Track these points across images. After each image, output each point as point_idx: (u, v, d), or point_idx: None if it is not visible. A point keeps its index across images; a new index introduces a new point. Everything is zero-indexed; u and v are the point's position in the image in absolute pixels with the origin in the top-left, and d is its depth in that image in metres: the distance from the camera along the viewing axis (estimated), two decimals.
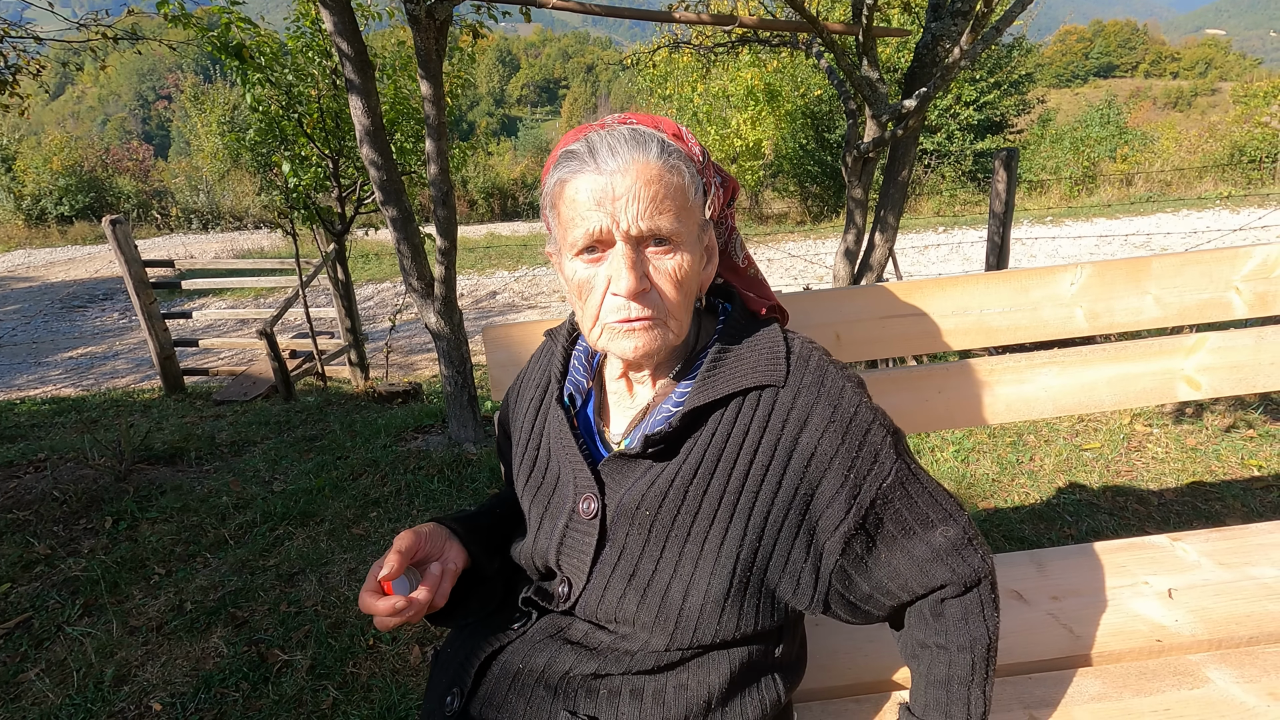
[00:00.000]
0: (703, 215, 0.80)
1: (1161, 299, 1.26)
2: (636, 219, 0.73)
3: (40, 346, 9.15)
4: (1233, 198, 13.69)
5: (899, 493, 0.77)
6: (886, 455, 0.77)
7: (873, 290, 1.25)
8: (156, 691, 1.83)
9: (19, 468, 3.21)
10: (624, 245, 0.74)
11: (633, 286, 0.73)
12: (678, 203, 0.75)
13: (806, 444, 0.76)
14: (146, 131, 70.99)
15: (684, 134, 0.79)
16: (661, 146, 0.75)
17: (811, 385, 0.78)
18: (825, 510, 0.76)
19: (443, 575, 0.84)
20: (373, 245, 13.97)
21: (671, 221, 0.74)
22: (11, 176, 19.40)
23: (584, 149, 0.75)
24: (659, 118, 0.79)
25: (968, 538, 0.79)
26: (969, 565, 0.78)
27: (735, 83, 13.75)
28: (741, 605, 0.76)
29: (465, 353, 3.27)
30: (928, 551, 0.78)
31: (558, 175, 0.76)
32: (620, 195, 0.72)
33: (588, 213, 0.73)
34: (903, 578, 0.79)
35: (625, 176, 0.72)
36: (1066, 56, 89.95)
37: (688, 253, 0.77)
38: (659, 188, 0.73)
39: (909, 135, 3.27)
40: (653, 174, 0.73)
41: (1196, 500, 2.53)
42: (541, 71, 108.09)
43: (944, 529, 0.78)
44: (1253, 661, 1.02)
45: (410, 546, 0.82)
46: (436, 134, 2.87)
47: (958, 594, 0.79)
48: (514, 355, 1.24)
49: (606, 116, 0.80)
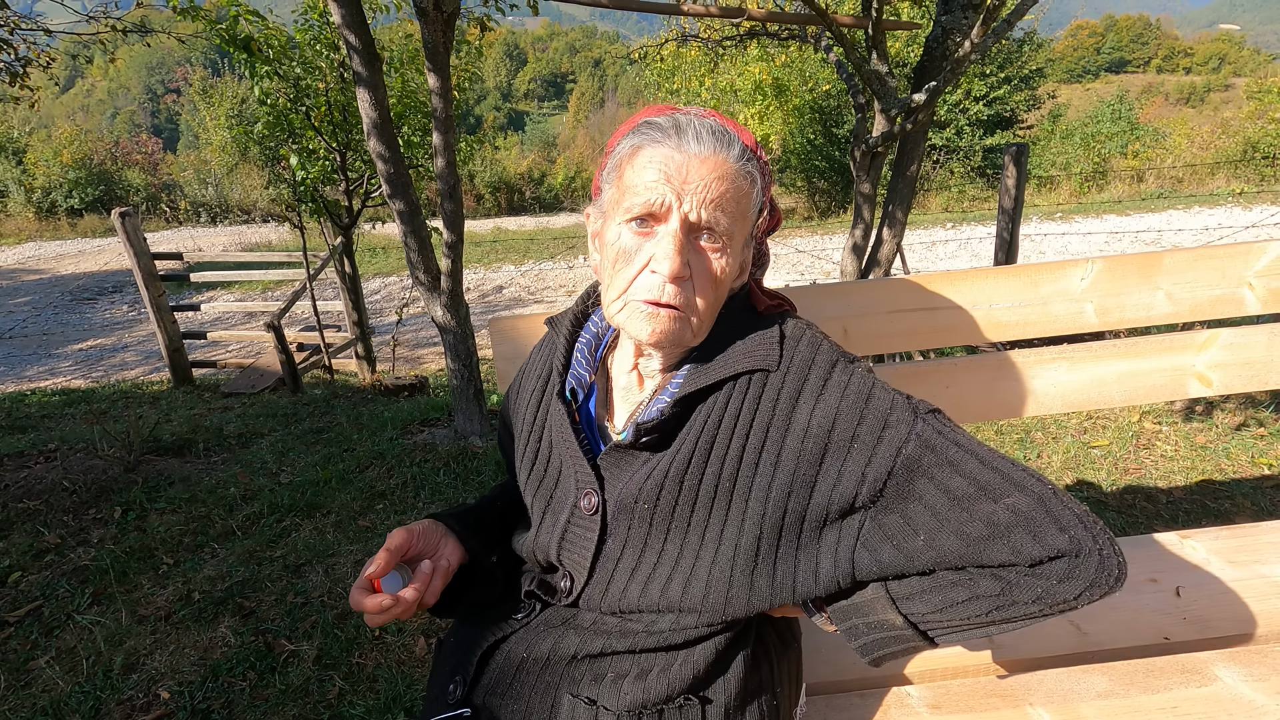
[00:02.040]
0: (752, 230, 0.81)
1: (1173, 294, 1.24)
2: (700, 206, 0.73)
3: (50, 338, 9.21)
4: (1245, 194, 13.54)
5: (930, 459, 0.69)
6: (900, 419, 0.71)
7: (881, 284, 1.25)
8: (165, 680, 1.85)
9: (29, 458, 3.24)
10: (678, 227, 0.74)
11: (676, 269, 0.73)
12: (740, 208, 0.76)
13: (801, 421, 0.74)
14: (155, 125, 71.25)
15: (759, 148, 0.80)
16: (743, 150, 0.76)
17: (802, 364, 0.77)
18: (835, 487, 0.72)
19: (434, 573, 0.84)
20: (380, 239, 14.00)
21: (729, 222, 0.75)
22: (22, 169, 19.51)
23: (670, 124, 0.75)
24: (740, 126, 0.80)
25: (1047, 511, 0.65)
26: (1042, 544, 0.64)
27: (743, 77, 13.67)
28: (749, 590, 0.75)
29: (471, 346, 3.27)
30: (983, 528, 0.66)
31: (634, 140, 0.77)
32: (693, 180, 0.73)
33: (655, 183, 0.73)
34: (948, 557, 0.68)
35: (704, 165, 0.73)
36: (1078, 51, 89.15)
37: (732, 258, 0.77)
38: (729, 186, 0.74)
39: (918, 130, 3.24)
40: (728, 171, 0.74)
41: (1206, 498, 2.52)
42: (549, 66, 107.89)
43: (1012, 499, 0.66)
44: (1262, 660, 1.01)
45: (401, 545, 0.83)
46: (444, 127, 2.86)
47: (1024, 575, 0.66)
48: (520, 348, 1.24)
49: (689, 107, 0.80)
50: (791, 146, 16.63)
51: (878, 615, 0.75)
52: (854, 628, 0.78)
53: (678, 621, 0.78)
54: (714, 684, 0.79)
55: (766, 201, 0.82)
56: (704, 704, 0.77)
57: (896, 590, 0.74)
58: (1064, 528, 0.65)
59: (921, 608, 0.72)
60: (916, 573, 0.72)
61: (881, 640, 0.76)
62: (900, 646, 0.76)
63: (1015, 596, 0.67)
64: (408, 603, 0.78)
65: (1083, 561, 0.64)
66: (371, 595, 0.77)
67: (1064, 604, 0.66)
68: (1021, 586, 0.66)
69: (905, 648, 0.76)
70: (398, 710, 1.71)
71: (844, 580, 0.74)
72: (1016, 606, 0.67)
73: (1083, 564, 0.64)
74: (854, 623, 0.77)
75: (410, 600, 0.79)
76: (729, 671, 0.79)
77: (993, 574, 0.68)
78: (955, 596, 0.70)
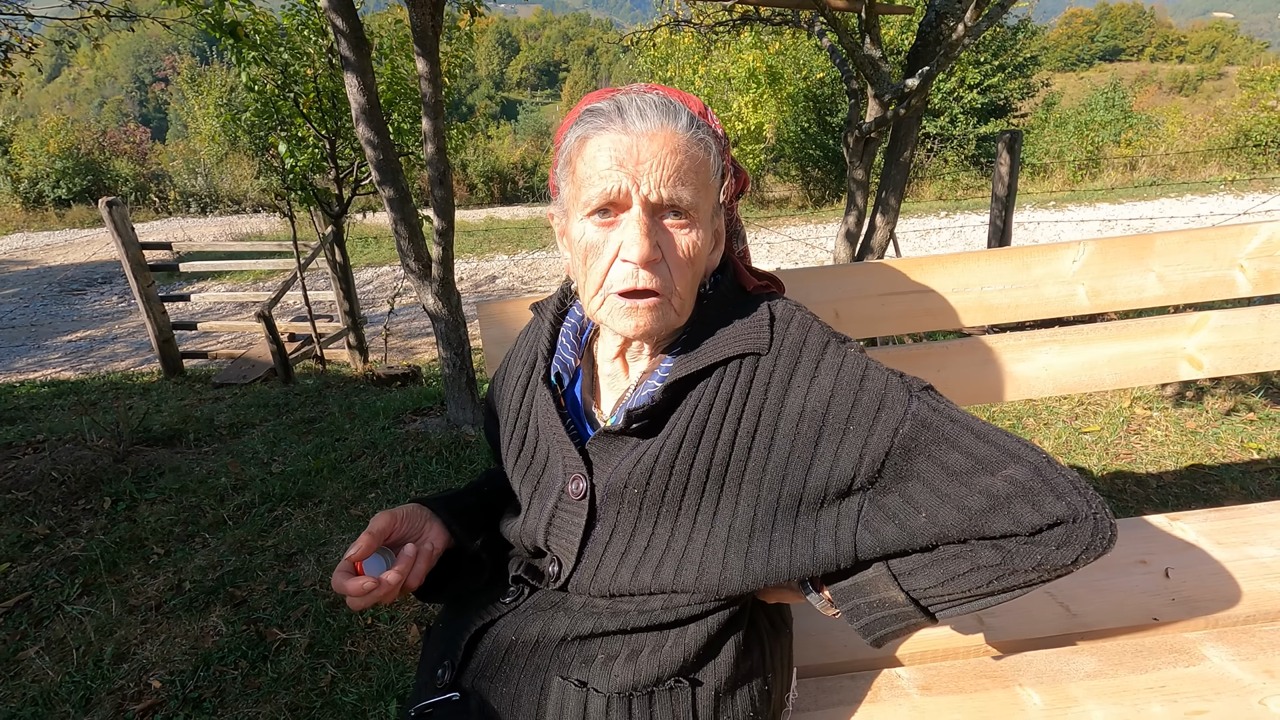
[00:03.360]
0: (718, 198, 0.79)
1: (1165, 277, 1.24)
2: (659, 185, 0.71)
3: (39, 330, 9.13)
4: (1237, 182, 13.59)
5: (927, 436, 0.70)
6: (895, 400, 0.72)
7: (873, 267, 1.24)
8: (156, 669, 1.84)
9: (18, 449, 3.21)
10: (640, 211, 0.72)
11: (645, 253, 0.71)
12: (700, 178, 0.74)
13: (794, 405, 0.74)
14: (143, 114, 70.46)
15: (709, 113, 0.78)
16: (690, 119, 0.73)
17: (793, 346, 0.77)
18: (832, 468, 0.71)
19: (417, 556, 0.83)
20: (371, 229, 13.90)
21: (692, 195, 0.73)
22: (8, 159, 19.27)
23: (611, 108, 0.73)
24: (685, 93, 0.78)
25: (1043, 480, 0.67)
26: (1041, 512, 0.66)
27: (737, 65, 13.60)
28: (743, 571, 0.74)
29: (463, 335, 3.26)
30: (983, 500, 0.67)
31: (579, 131, 0.74)
32: (645, 159, 0.71)
33: (608, 172, 0.71)
34: (950, 532, 0.69)
35: (653, 141, 0.71)
36: (1072, 40, 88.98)
37: (702, 230, 0.75)
38: (684, 158, 0.72)
39: (912, 115, 3.23)
40: (680, 143, 0.72)
41: (1195, 483, 2.53)
42: (541, 54, 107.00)
43: (1009, 471, 0.67)
44: (1249, 640, 1.02)
45: (384, 528, 0.82)
46: (433, 113, 2.83)
47: (1024, 544, 0.67)
48: (509, 333, 1.23)
49: (631, 85, 0.78)
50: (785, 135, 16.56)
51: (879, 594, 0.75)
52: (856, 608, 0.77)
53: (670, 600, 0.77)
54: (705, 667, 0.78)
55: (727, 166, 0.80)
56: (694, 686, 0.77)
57: (898, 567, 0.74)
58: (1060, 495, 0.66)
59: (924, 583, 0.73)
60: (919, 549, 0.72)
61: (883, 619, 0.76)
62: (902, 624, 0.76)
63: (1015, 565, 0.68)
64: (390, 585, 0.78)
65: (1079, 527, 0.66)
66: (353, 578, 0.77)
67: (1061, 569, 0.67)
68: (1021, 555, 0.67)
69: (907, 625, 0.76)
70: (390, 697, 1.70)
71: (845, 561, 0.74)
72: (1016, 575, 0.68)
73: (1079, 529, 0.66)
74: (855, 603, 0.77)
75: (393, 583, 0.78)
76: (720, 655, 0.79)
77: (994, 544, 0.68)
78: (956, 569, 0.70)
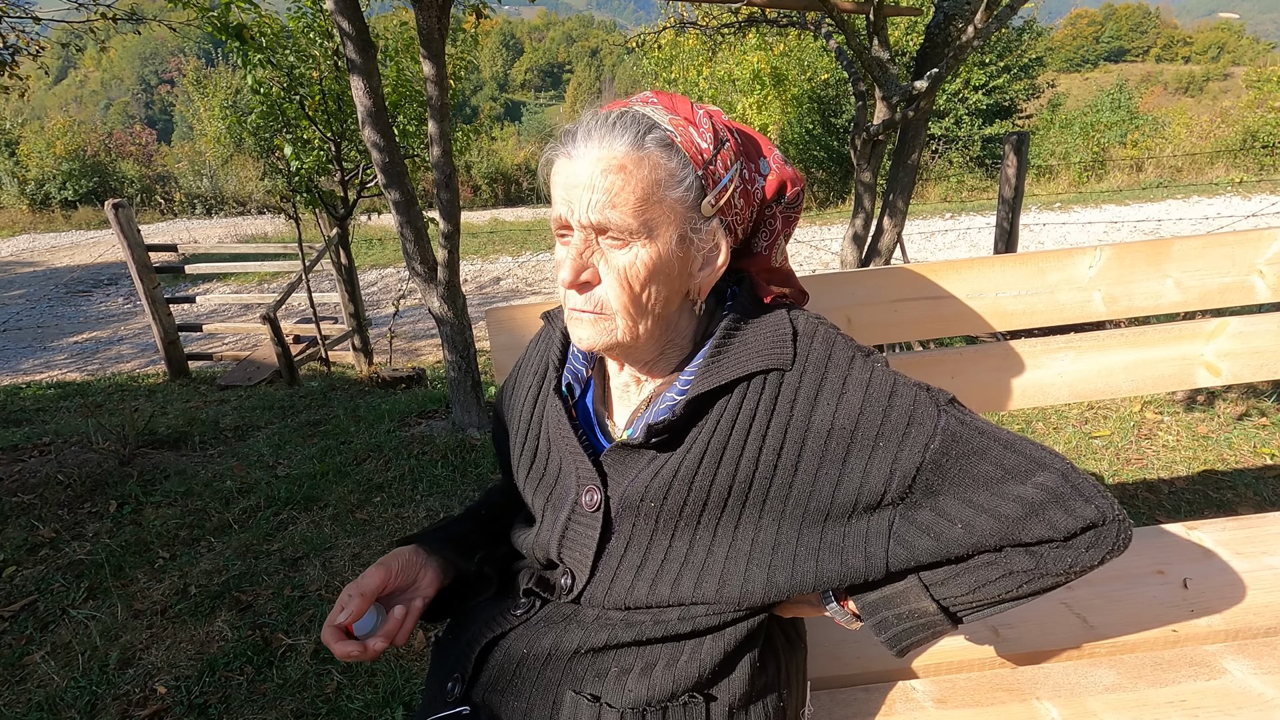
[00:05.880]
0: (694, 211, 0.72)
1: (1182, 282, 1.22)
2: (587, 209, 0.70)
3: (45, 331, 9.17)
4: (1245, 184, 13.50)
5: (957, 450, 0.70)
6: (924, 415, 0.71)
7: (884, 272, 1.22)
8: (161, 674, 1.84)
9: (24, 451, 3.21)
10: (579, 233, 0.72)
11: (566, 279, 0.73)
12: (642, 195, 0.69)
13: (821, 421, 0.72)
14: (149, 116, 70.72)
15: (696, 120, 0.72)
16: (638, 134, 0.69)
17: (819, 361, 0.75)
18: (861, 483, 0.71)
19: (406, 614, 0.85)
20: (376, 231, 13.92)
21: (626, 216, 0.69)
22: (15, 161, 19.37)
23: (572, 129, 0.72)
24: (678, 99, 0.74)
25: (1071, 485, 0.69)
26: (1074, 517, 0.68)
27: (741, 66, 13.56)
28: (766, 584, 0.73)
29: (469, 338, 3.25)
30: (1018, 509, 0.68)
31: (548, 155, 0.75)
32: (579, 184, 0.70)
33: (558, 199, 0.72)
34: (988, 541, 0.69)
35: (585, 164, 0.70)
36: (1077, 40, 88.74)
37: (650, 249, 0.71)
38: (619, 178, 0.68)
39: (919, 117, 3.21)
40: (615, 162, 0.68)
41: (1208, 489, 2.51)
42: (545, 56, 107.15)
43: (1039, 478, 0.69)
44: (1271, 653, 1.00)
45: (376, 587, 0.83)
46: (439, 115, 2.82)
47: (1057, 548, 0.69)
48: (517, 338, 1.21)
49: (631, 96, 0.77)
50: (790, 136, 16.53)
51: (910, 605, 0.75)
52: (883, 620, 0.77)
53: (687, 612, 0.77)
54: (720, 683, 0.77)
55: (713, 173, 0.72)
56: (709, 701, 0.76)
57: (929, 578, 0.74)
58: (1089, 499, 0.69)
59: (955, 591, 0.73)
60: (954, 559, 0.72)
61: (912, 629, 0.76)
62: (929, 633, 0.77)
63: (1047, 569, 0.69)
64: (376, 651, 0.80)
65: (1106, 529, 0.69)
66: (341, 642, 0.79)
67: (1086, 569, 0.70)
68: (1053, 559, 0.69)
69: (933, 633, 0.77)
70: (396, 704, 1.69)
71: (875, 574, 0.73)
72: (1046, 578, 0.70)
73: (1107, 531, 0.69)
74: (883, 615, 0.77)
75: (378, 650, 0.81)
76: (735, 670, 0.78)
77: (1027, 550, 0.70)
78: (988, 576, 0.71)
